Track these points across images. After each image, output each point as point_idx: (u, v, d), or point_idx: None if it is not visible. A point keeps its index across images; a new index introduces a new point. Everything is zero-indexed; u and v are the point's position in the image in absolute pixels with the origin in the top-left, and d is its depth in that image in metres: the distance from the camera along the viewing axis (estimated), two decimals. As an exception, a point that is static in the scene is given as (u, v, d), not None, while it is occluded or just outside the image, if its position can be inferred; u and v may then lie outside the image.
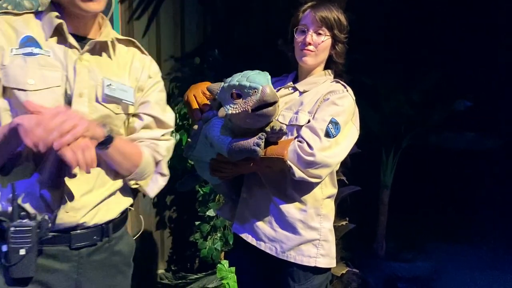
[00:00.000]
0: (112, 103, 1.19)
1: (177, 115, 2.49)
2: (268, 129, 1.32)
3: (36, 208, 1.11)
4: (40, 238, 1.09)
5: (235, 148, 1.33)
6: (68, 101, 1.12)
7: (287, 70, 1.69)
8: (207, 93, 1.43)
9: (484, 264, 3.48)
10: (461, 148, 3.59)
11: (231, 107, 1.28)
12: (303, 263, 1.47)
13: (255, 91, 1.23)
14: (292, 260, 1.47)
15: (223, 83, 1.34)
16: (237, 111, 1.27)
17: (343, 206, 2.46)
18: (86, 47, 1.17)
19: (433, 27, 3.59)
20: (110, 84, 1.18)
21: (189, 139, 1.52)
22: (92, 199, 1.18)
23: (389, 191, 3.58)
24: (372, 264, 3.40)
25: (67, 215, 1.14)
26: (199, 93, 1.48)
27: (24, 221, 1.08)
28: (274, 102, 1.24)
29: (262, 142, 1.30)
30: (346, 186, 2.44)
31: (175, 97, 2.67)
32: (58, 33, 1.15)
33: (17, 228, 1.07)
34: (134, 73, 1.28)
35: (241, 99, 1.26)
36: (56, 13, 1.15)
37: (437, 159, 3.96)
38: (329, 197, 1.54)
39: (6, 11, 1.19)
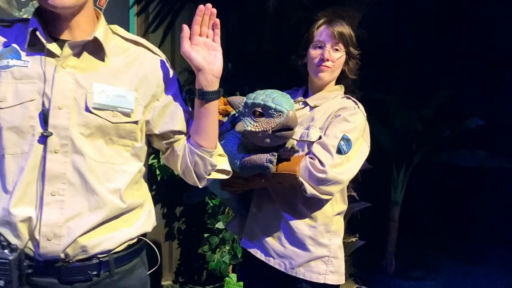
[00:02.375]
0: (105, 111, 1.06)
1: (189, 127, 2.50)
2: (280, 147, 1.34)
3: (16, 236, 1.01)
4: (21, 272, 1.01)
5: (247, 164, 1.34)
6: (44, 115, 1.01)
7: (297, 84, 1.70)
8: (220, 107, 1.45)
9: (494, 285, 3.42)
10: (472, 166, 3.56)
11: (251, 124, 1.30)
12: (312, 280, 1.46)
13: (280, 114, 1.26)
14: (301, 277, 1.47)
15: (245, 98, 1.35)
16: (257, 129, 1.29)
17: (354, 222, 2.44)
18: (67, 52, 1.04)
19: (446, 43, 3.59)
20: (102, 90, 1.06)
21: None
22: (79, 224, 1.04)
23: (400, 208, 3.55)
24: (381, 282, 3.36)
25: (50, 244, 1.02)
26: None
27: (4, 251, 0.99)
28: (294, 127, 1.28)
29: (275, 159, 1.31)
30: (357, 202, 2.42)
31: (187, 110, 2.69)
32: (35, 39, 1.04)
33: None
34: (140, 76, 1.13)
35: (263, 118, 1.28)
36: (35, 17, 1.05)
37: (448, 177, 3.93)
38: (339, 214, 1.53)
39: None
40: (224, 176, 1.28)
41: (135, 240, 1.16)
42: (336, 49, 1.49)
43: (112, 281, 1.11)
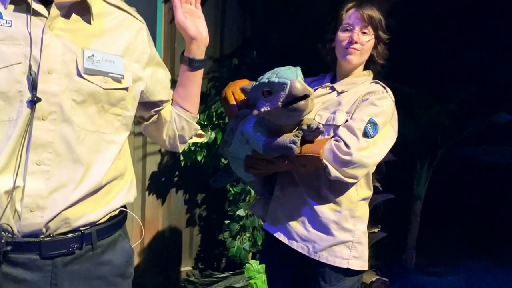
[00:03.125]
0: (96, 76, 1.01)
1: (214, 114, 2.53)
2: (304, 127, 1.33)
3: None
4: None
5: (271, 145, 1.33)
6: (33, 79, 0.93)
7: (324, 71, 1.69)
8: (236, 96, 1.46)
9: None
10: (498, 162, 3.49)
11: (263, 105, 1.29)
12: (335, 264, 1.46)
13: (284, 86, 1.22)
14: (324, 261, 1.47)
15: (254, 82, 1.35)
16: (269, 108, 1.27)
17: (376, 214, 2.43)
18: (55, 12, 0.97)
19: (475, 36, 3.51)
20: (92, 55, 1.01)
21: (224, 137, 1.54)
22: (64, 196, 0.99)
23: (422, 203, 3.51)
24: (400, 275, 3.33)
25: (32, 215, 0.96)
26: (237, 90, 1.49)
27: None
28: (305, 96, 1.22)
29: (299, 140, 1.30)
30: (380, 193, 2.41)
31: (212, 97, 2.71)
32: None
33: None
34: (126, 41, 1.10)
35: (271, 96, 1.27)
36: None
37: (473, 172, 3.86)
38: (363, 199, 1.53)
39: None
40: (201, 140, 1.39)
41: (117, 212, 1.13)
42: (365, 32, 1.48)
43: (95, 254, 1.07)
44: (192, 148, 2.56)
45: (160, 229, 2.89)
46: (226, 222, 2.67)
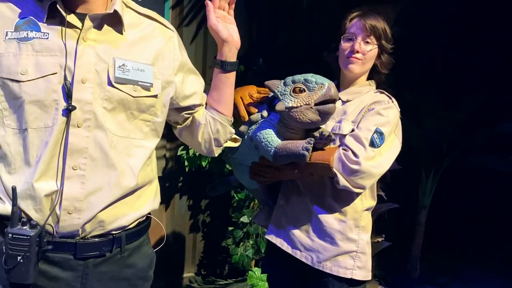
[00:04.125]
0: (126, 85, 1.07)
1: (219, 120, 2.52)
2: (317, 134, 1.33)
3: (37, 211, 1.01)
4: (40, 248, 1.00)
5: (282, 152, 1.33)
6: (68, 89, 0.99)
7: (330, 79, 1.69)
8: (254, 96, 1.45)
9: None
10: (504, 171, 3.47)
11: (291, 100, 1.30)
12: (339, 274, 1.45)
13: (322, 86, 1.27)
14: (328, 271, 1.45)
15: (283, 79, 1.37)
16: (298, 104, 1.29)
17: (380, 223, 2.41)
18: (88, 24, 1.03)
19: (480, 46, 3.50)
20: (123, 65, 1.06)
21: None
22: (100, 199, 1.05)
23: (427, 212, 3.49)
24: (404, 286, 3.30)
25: (70, 217, 1.03)
26: (246, 95, 1.50)
27: (24, 228, 0.98)
28: (335, 101, 1.29)
29: (311, 146, 1.30)
30: (384, 202, 2.39)
31: (217, 103, 2.71)
32: (55, 12, 1.02)
33: (15, 236, 0.97)
34: (156, 50, 1.14)
35: (304, 93, 1.30)
36: None
37: (479, 182, 3.83)
38: (368, 209, 1.52)
39: None
40: (236, 144, 1.39)
41: (144, 218, 1.18)
42: (367, 42, 1.48)
43: (122, 257, 1.12)
44: (197, 153, 2.56)
45: (163, 234, 2.88)
46: (230, 228, 2.66)
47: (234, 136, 1.37)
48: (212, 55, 2.83)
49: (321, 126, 1.36)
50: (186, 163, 2.60)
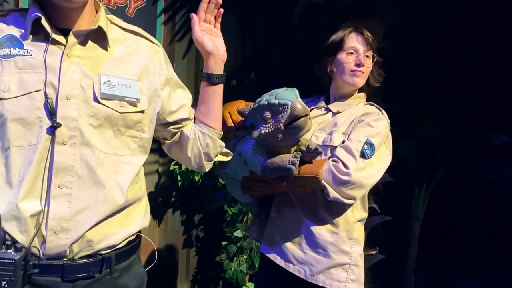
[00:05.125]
0: (112, 101, 1.05)
1: (211, 133, 2.53)
2: (303, 147, 1.33)
3: (23, 232, 0.98)
4: (26, 272, 0.96)
5: (269, 166, 1.34)
6: (50, 106, 0.97)
7: (320, 92, 1.70)
8: (234, 118, 1.47)
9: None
10: (497, 182, 3.48)
11: (263, 127, 1.30)
12: (332, 287, 1.45)
13: (285, 107, 1.24)
14: (321, 284, 1.45)
15: (252, 104, 1.36)
16: (269, 130, 1.28)
17: (374, 235, 2.41)
18: (72, 40, 1.01)
19: (472, 57, 3.55)
20: (109, 80, 1.04)
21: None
22: (87, 218, 1.02)
23: (421, 224, 3.48)
24: (399, 298, 3.28)
25: (56, 238, 0.99)
26: (234, 111, 1.50)
27: (9, 252, 0.94)
28: (305, 115, 1.25)
29: (297, 160, 1.30)
30: (378, 214, 2.39)
31: (209, 117, 2.71)
32: (39, 28, 1.01)
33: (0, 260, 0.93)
34: (142, 65, 1.13)
35: (271, 118, 1.28)
36: (36, 6, 1.02)
37: (472, 193, 3.84)
38: (359, 221, 1.52)
39: None
40: (227, 158, 1.36)
41: (134, 237, 1.16)
42: (367, 56, 1.51)
43: (112, 278, 1.09)
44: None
45: (156, 250, 2.86)
46: (223, 243, 2.64)
47: (225, 150, 1.35)
48: (204, 70, 2.85)
49: (307, 139, 1.36)
50: (178, 178, 2.59)
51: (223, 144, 1.34)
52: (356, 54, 1.50)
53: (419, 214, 3.48)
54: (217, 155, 1.33)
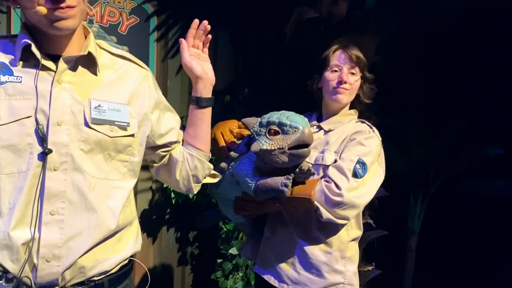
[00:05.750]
0: (103, 125, 1.05)
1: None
2: (296, 169, 1.33)
3: (14, 261, 0.97)
4: None
5: (262, 188, 1.33)
6: (41, 132, 0.97)
7: (314, 109, 1.70)
8: (234, 131, 1.46)
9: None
10: (492, 195, 3.48)
11: (266, 142, 1.29)
12: (326, 308, 1.43)
13: (295, 130, 1.25)
14: (316, 305, 1.43)
15: (259, 118, 1.36)
16: (273, 148, 1.28)
17: (370, 251, 2.39)
18: (62, 66, 1.02)
19: (465, 70, 3.58)
20: (99, 105, 1.05)
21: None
22: (79, 244, 1.01)
23: (417, 238, 3.47)
24: (397, 314, 3.25)
25: (48, 265, 0.98)
26: (226, 131, 1.50)
27: (0, 282, 0.94)
28: (310, 144, 1.27)
29: (290, 182, 1.30)
30: (373, 229, 2.38)
31: (203, 134, 2.71)
32: (28, 55, 1.01)
33: None
34: (131, 90, 1.14)
35: (278, 136, 1.28)
36: (25, 33, 1.02)
37: (468, 206, 3.83)
38: (354, 240, 1.51)
39: None
40: (215, 180, 1.37)
41: (126, 261, 1.15)
42: (353, 73, 1.50)
43: None
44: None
45: (151, 268, 2.83)
46: (219, 261, 2.62)
47: (213, 171, 1.36)
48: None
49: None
50: (172, 195, 2.57)
51: (212, 166, 1.34)
52: (339, 71, 1.50)
53: (415, 228, 3.47)
54: (205, 177, 1.34)
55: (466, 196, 3.54)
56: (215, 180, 1.38)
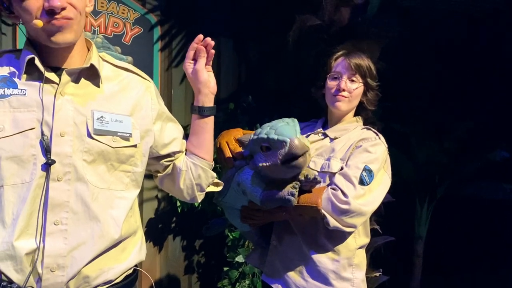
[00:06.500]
0: (105, 136, 1.06)
1: (210, 159, 2.53)
2: (302, 177, 1.32)
3: (18, 271, 0.97)
4: None
5: (268, 197, 1.32)
6: (46, 143, 0.98)
7: (317, 116, 1.70)
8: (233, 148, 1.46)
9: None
10: (499, 199, 3.46)
11: (262, 159, 1.29)
12: (334, 316, 1.42)
13: (284, 144, 1.24)
14: (323, 313, 1.43)
15: (252, 135, 1.36)
16: (267, 164, 1.28)
17: (377, 257, 2.38)
18: (65, 79, 1.04)
19: (469, 74, 3.57)
20: (101, 116, 1.06)
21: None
22: (84, 254, 1.02)
23: (424, 243, 3.45)
24: (405, 320, 3.22)
25: (53, 275, 0.99)
26: (231, 140, 1.50)
27: None
28: (304, 153, 1.24)
29: (296, 191, 1.29)
30: (380, 235, 2.37)
31: (208, 141, 2.72)
32: (32, 68, 1.03)
33: None
34: (133, 101, 1.15)
35: (270, 152, 1.27)
36: (29, 47, 1.04)
37: (474, 210, 3.81)
38: (361, 247, 1.50)
39: None
40: (218, 188, 1.37)
41: (131, 271, 1.15)
42: (353, 80, 1.50)
43: None
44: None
45: (157, 277, 2.83)
46: (225, 269, 2.61)
47: (216, 180, 1.36)
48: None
49: (306, 168, 1.36)
50: (178, 204, 2.58)
51: (215, 175, 1.35)
52: (339, 79, 1.50)
53: (421, 233, 3.45)
54: (209, 186, 1.34)
55: (472, 200, 3.52)
56: (218, 189, 1.38)
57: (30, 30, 1.03)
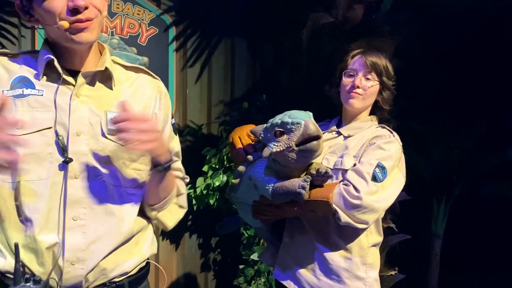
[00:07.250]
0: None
1: (225, 157, 2.55)
2: (313, 171, 1.32)
3: (40, 264, 1.02)
4: None
5: (279, 190, 1.32)
6: (62, 143, 1.02)
7: (331, 114, 1.70)
8: (252, 135, 1.47)
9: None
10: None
11: (274, 145, 1.28)
12: (347, 314, 1.42)
13: (298, 126, 1.23)
14: (336, 310, 1.43)
15: (266, 124, 1.36)
16: (281, 148, 1.26)
17: (393, 255, 2.37)
18: (81, 81, 1.08)
19: (485, 71, 3.51)
20: (114, 117, 1.06)
21: (232, 181, 1.54)
22: (101, 247, 1.07)
23: (441, 241, 3.41)
24: (422, 319, 3.19)
25: (73, 268, 1.04)
26: (243, 135, 1.51)
27: (28, 285, 0.97)
28: (318, 137, 1.22)
29: (307, 184, 1.28)
30: (396, 234, 2.35)
31: (223, 140, 2.74)
32: (50, 70, 1.07)
33: None
34: (145, 100, 1.18)
35: (284, 136, 1.26)
36: (47, 49, 1.08)
37: (492, 208, 3.75)
38: (374, 245, 1.50)
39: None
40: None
41: (144, 263, 1.20)
42: (368, 78, 1.50)
43: None
44: (205, 191, 2.57)
45: (174, 275, 2.86)
46: (241, 266, 2.63)
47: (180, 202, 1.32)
48: (216, 94, 2.89)
49: (318, 163, 1.36)
50: (194, 202, 2.61)
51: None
52: (354, 76, 1.50)
53: (439, 232, 3.42)
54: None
55: (490, 198, 3.47)
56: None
57: (50, 32, 1.06)
